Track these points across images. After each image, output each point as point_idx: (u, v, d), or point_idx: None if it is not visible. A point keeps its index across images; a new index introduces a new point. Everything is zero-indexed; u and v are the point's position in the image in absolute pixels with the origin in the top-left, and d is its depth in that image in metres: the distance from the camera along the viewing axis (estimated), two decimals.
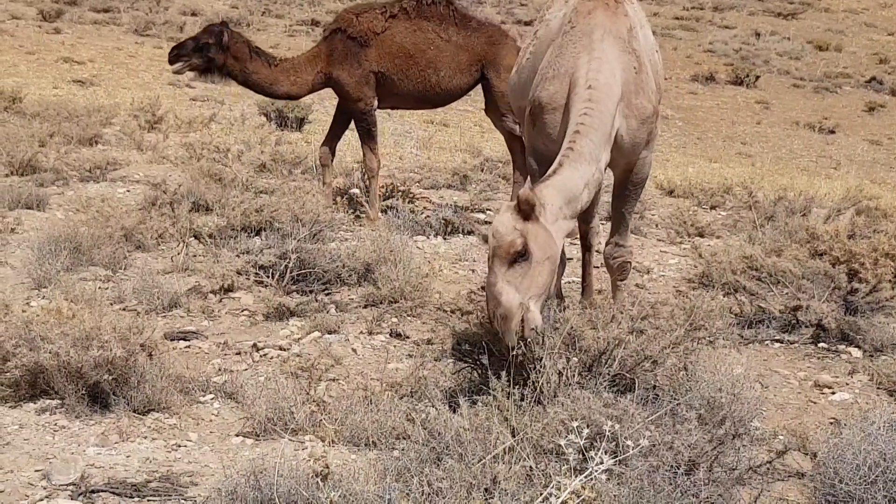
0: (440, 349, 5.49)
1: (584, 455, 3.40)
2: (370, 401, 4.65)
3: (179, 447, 4.46)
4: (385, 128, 14.36)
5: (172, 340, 5.67)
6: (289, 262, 6.55)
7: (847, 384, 5.49)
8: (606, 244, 5.76)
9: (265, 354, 5.55)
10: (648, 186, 10.27)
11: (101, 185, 9.30)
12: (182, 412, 4.77)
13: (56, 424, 4.58)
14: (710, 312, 5.11)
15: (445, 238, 8.18)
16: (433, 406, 4.54)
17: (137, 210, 7.86)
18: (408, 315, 6.17)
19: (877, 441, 3.88)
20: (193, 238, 7.21)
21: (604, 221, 7.66)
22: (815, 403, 5.24)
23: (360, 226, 8.28)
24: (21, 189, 8.43)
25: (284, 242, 6.78)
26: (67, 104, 12.74)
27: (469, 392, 4.66)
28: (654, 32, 6.04)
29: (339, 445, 4.44)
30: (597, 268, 6.48)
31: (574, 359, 4.39)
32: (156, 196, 8.08)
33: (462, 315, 5.58)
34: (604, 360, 4.48)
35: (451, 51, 8.41)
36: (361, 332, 5.91)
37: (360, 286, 6.66)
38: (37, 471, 4.16)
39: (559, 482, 3.26)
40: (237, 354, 5.59)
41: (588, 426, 3.56)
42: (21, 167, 9.34)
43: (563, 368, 4.36)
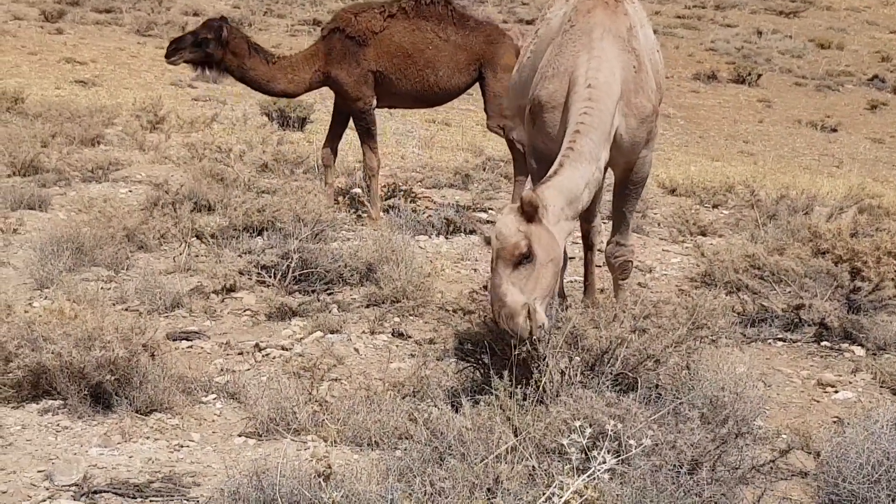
0: (442, 349, 5.48)
1: (587, 454, 3.40)
2: (372, 401, 4.65)
3: (182, 447, 4.46)
4: (387, 127, 14.36)
5: (175, 341, 5.66)
6: (291, 262, 6.55)
7: (850, 383, 5.48)
8: (608, 243, 5.76)
9: (267, 354, 5.55)
10: (650, 185, 10.28)
11: (104, 186, 9.30)
12: (184, 412, 4.77)
13: (58, 425, 4.58)
14: (713, 311, 5.11)
15: (447, 237, 8.18)
16: (435, 406, 4.54)
17: (139, 210, 7.87)
18: (410, 315, 6.17)
19: (880, 440, 3.88)
20: (195, 238, 7.20)
21: (606, 220, 7.64)
22: (819, 402, 5.24)
23: (362, 225, 8.27)
24: (23, 189, 8.43)
25: (286, 242, 6.78)
26: (69, 104, 12.74)
27: (471, 392, 4.66)
28: (656, 31, 6.04)
29: (342, 445, 4.44)
30: (599, 267, 6.48)
31: (576, 358, 4.39)
32: (158, 196, 8.07)
33: (464, 314, 5.58)
34: (606, 360, 4.48)
35: (450, 50, 8.40)
36: (364, 332, 5.91)
37: (363, 286, 6.65)
38: (39, 471, 4.17)
39: (562, 482, 3.26)
40: (239, 354, 5.58)
41: (591, 425, 3.56)
42: (23, 168, 9.34)
43: (566, 367, 4.36)
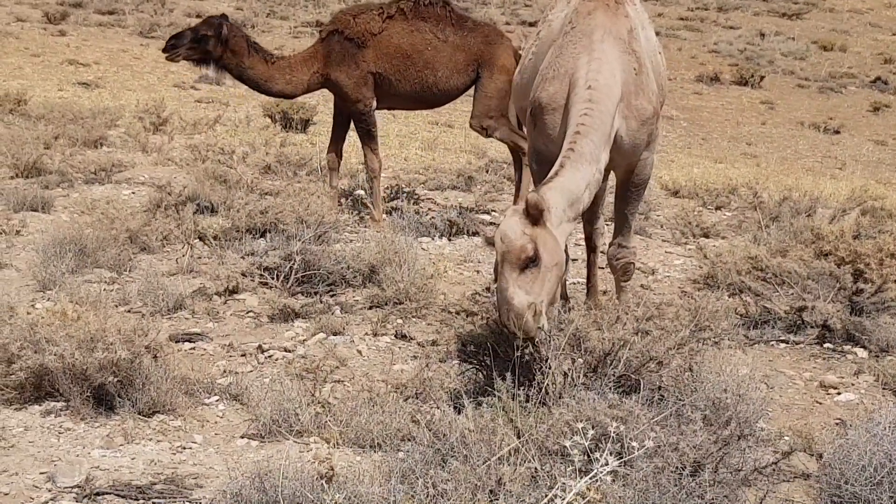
0: (445, 350, 5.49)
1: (590, 456, 3.40)
2: (375, 402, 4.65)
3: (184, 449, 4.46)
4: (390, 129, 14.37)
5: (177, 342, 5.66)
6: (294, 264, 6.55)
7: (853, 385, 5.48)
8: (609, 245, 5.76)
9: (270, 356, 5.55)
10: (653, 187, 10.27)
11: (106, 187, 9.31)
12: (187, 414, 4.77)
13: (61, 426, 4.58)
14: (716, 313, 5.10)
15: (450, 239, 8.18)
16: (438, 407, 4.55)
17: (142, 212, 7.88)
18: (413, 316, 6.17)
19: (882, 442, 3.88)
20: (198, 240, 7.21)
21: (609, 223, 7.64)
22: (821, 404, 5.23)
23: (365, 227, 8.28)
24: (26, 191, 8.44)
25: (289, 244, 6.78)
26: (72, 106, 12.77)
27: (474, 393, 4.66)
28: (659, 33, 6.04)
29: (344, 447, 4.44)
30: (602, 268, 6.47)
31: (579, 360, 4.39)
32: (161, 198, 8.08)
33: (467, 316, 5.59)
34: (609, 361, 4.47)
35: (449, 51, 8.40)
36: (366, 334, 5.91)
37: (365, 287, 6.65)
38: (42, 473, 4.17)
39: (564, 483, 3.26)
40: (242, 356, 5.59)
41: (593, 427, 3.57)
42: (26, 169, 9.35)
43: (569, 369, 4.36)
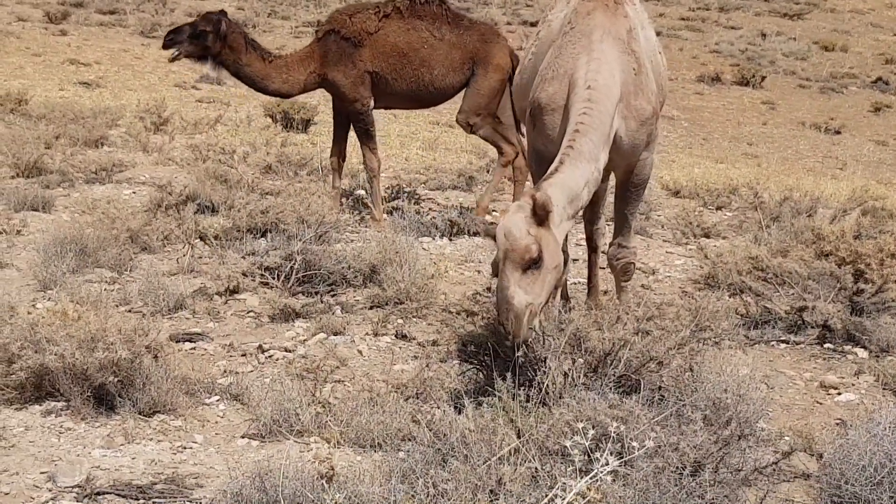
0: (446, 350, 5.49)
1: (590, 456, 3.40)
2: (375, 402, 4.65)
3: (185, 449, 4.46)
4: (391, 129, 14.37)
5: (178, 342, 5.66)
6: (294, 264, 6.55)
7: (853, 385, 5.48)
8: (610, 245, 5.76)
9: (270, 356, 5.55)
10: (654, 187, 10.27)
11: (107, 187, 9.31)
12: (187, 414, 4.77)
13: (61, 426, 4.58)
14: (716, 313, 5.10)
15: (451, 239, 8.18)
16: (438, 407, 4.55)
17: (143, 212, 7.88)
18: (413, 316, 6.17)
19: (883, 442, 3.88)
20: (199, 240, 7.21)
21: (610, 223, 7.64)
22: (821, 404, 5.23)
23: (366, 227, 8.28)
24: (27, 191, 8.45)
25: (290, 244, 6.78)
26: (73, 106, 12.77)
27: (474, 393, 4.66)
28: (660, 33, 6.05)
29: (345, 447, 4.44)
30: (602, 268, 6.47)
31: (579, 360, 4.39)
32: (161, 198, 8.09)
33: (468, 316, 5.58)
34: (609, 361, 4.47)
35: (445, 49, 8.40)
36: (367, 334, 5.91)
37: (366, 287, 6.65)
38: (42, 473, 4.17)
39: (564, 483, 3.26)
40: (243, 356, 5.59)
41: (593, 427, 3.56)
42: (27, 169, 9.36)
43: (569, 369, 4.36)
